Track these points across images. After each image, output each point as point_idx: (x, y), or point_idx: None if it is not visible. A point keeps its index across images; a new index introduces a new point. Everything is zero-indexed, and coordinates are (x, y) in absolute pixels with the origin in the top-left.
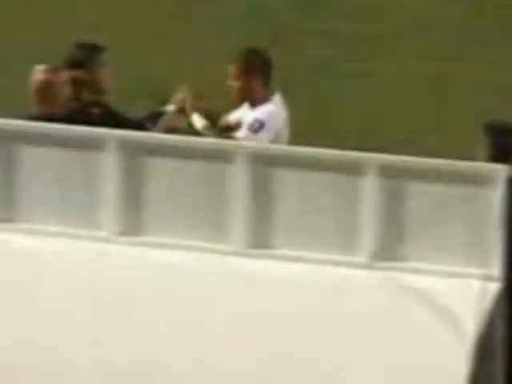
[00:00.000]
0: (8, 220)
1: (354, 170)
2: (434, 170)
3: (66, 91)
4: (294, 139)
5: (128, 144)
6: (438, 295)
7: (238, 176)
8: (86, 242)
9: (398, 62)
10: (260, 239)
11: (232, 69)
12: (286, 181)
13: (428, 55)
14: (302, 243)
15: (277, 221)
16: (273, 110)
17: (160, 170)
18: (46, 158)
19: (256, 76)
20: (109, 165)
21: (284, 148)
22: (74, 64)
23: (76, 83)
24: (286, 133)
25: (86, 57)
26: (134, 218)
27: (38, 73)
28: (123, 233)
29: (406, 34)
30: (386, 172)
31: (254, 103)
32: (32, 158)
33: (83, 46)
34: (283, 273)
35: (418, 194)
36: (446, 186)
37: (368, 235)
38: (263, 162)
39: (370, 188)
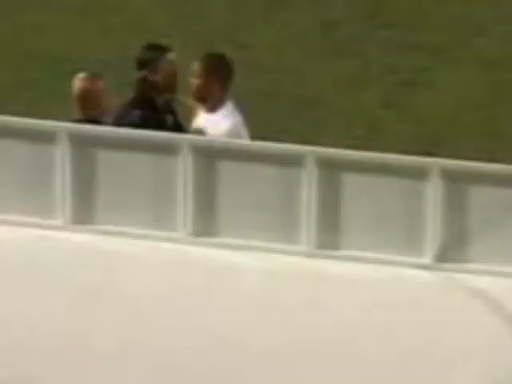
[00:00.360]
0: (87, 222)
1: (418, 174)
2: (495, 174)
3: (106, 98)
4: (361, 144)
5: (201, 148)
6: (500, 296)
7: (308, 179)
8: (162, 242)
9: (459, 71)
10: (327, 240)
11: (196, 67)
12: (354, 184)
13: (489, 64)
14: (368, 244)
15: (344, 222)
16: (229, 114)
17: (231, 174)
18: (122, 161)
19: (215, 78)
20: (182, 168)
21: (351, 153)
22: (141, 64)
23: (143, 83)
24: (245, 133)
25: (150, 57)
26: (206, 220)
27: (78, 81)
28: (197, 234)
29: (469, 43)
30: (449, 176)
31: (210, 103)
32: (108, 161)
33: (149, 46)
34: (350, 273)
35: (480, 197)
36: (507, 189)
37: (432, 237)
38: (332, 166)
39: (433, 191)
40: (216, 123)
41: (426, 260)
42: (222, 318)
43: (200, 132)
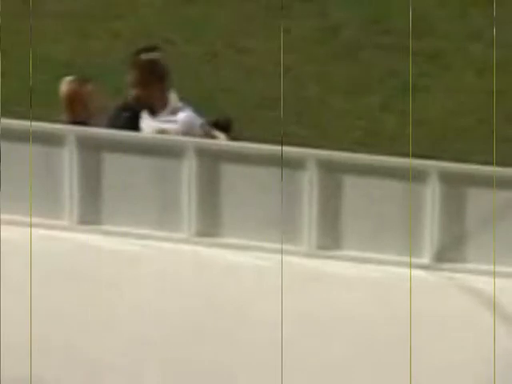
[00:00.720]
0: (95, 222)
1: (417, 176)
2: (492, 176)
3: (94, 101)
4: (361, 147)
5: (205, 151)
6: (498, 295)
7: (309, 181)
8: (166, 242)
9: (457, 76)
10: (328, 241)
11: (131, 76)
12: (354, 186)
13: (486, 69)
14: (368, 245)
15: (344, 223)
16: (178, 107)
17: (234, 176)
18: (128, 163)
19: (154, 84)
20: (187, 170)
21: (351, 155)
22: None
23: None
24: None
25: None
26: (210, 221)
27: (65, 84)
28: (201, 234)
29: (466, 48)
30: (447, 178)
31: (156, 107)
32: (115, 163)
33: (141, 49)
34: (350, 273)
35: (478, 198)
36: (505, 191)
37: (430, 237)
38: (333, 169)
39: (431, 193)
40: (170, 120)
41: (425, 260)
42: (225, 318)
43: (163, 132)
